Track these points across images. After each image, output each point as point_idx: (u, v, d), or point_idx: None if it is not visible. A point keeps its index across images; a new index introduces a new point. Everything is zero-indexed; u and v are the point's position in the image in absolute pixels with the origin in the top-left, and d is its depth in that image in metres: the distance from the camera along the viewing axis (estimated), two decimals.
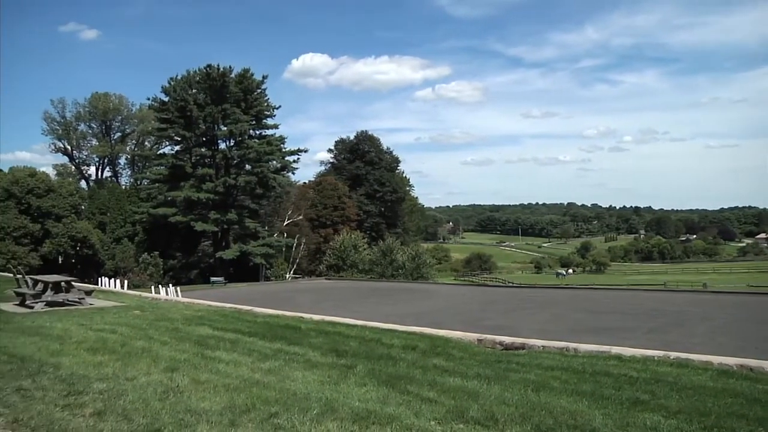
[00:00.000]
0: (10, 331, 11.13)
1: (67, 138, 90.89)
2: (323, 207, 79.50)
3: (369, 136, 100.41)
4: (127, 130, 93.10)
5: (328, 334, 10.98)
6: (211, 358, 8.55)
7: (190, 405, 6.06)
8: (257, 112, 65.86)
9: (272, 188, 66.46)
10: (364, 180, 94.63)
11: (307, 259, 74.11)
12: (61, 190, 54.99)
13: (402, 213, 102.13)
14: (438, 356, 8.91)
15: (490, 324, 16.93)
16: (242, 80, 64.13)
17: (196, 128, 64.12)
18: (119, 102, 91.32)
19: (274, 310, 15.59)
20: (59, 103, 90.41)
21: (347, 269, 62.62)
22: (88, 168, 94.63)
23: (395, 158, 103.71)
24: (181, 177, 64.70)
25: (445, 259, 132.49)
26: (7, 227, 49.23)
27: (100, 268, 57.93)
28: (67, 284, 16.72)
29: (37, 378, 7.29)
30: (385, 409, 5.84)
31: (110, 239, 65.31)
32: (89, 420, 5.59)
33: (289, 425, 5.38)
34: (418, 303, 26.12)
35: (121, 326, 11.93)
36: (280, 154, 67.47)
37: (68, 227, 53.28)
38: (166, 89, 65.29)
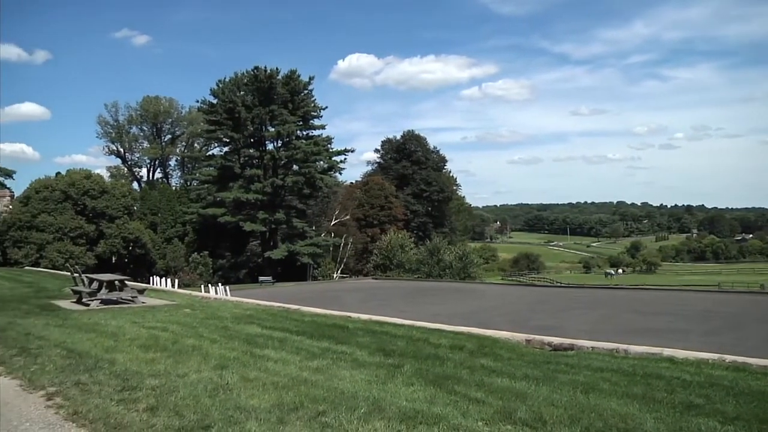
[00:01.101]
0: (68, 328, 11.43)
1: (119, 141, 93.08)
2: (370, 207, 79.64)
3: (415, 135, 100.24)
4: (177, 132, 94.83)
5: (375, 334, 10.99)
6: (260, 357, 8.63)
7: (240, 402, 6.13)
8: (304, 113, 66.31)
9: (319, 188, 66.83)
10: (411, 179, 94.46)
11: (354, 259, 74.36)
12: (114, 192, 56.23)
13: (449, 212, 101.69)
14: (485, 356, 8.85)
15: (538, 324, 16.75)
16: (289, 81, 64.61)
17: (244, 129, 64.85)
18: (169, 105, 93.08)
19: (321, 309, 15.68)
20: (112, 106, 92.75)
21: (394, 269, 62.61)
22: (140, 170, 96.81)
23: (442, 157, 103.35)
24: (230, 178, 65.55)
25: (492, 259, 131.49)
26: (65, 228, 50.54)
27: (151, 268, 59.08)
28: (120, 283, 17.09)
29: (93, 373, 7.47)
30: (433, 409, 5.82)
31: (161, 239, 66.57)
32: (142, 415, 5.71)
33: (336, 424, 5.39)
34: (466, 303, 25.98)
35: (173, 324, 12.14)
36: (327, 154, 67.81)
37: (121, 228, 54.48)
38: (214, 91, 66.24)
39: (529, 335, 10.72)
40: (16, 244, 49.30)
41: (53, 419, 5.76)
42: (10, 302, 16.32)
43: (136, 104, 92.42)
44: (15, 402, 6.44)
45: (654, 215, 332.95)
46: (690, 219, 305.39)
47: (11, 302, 16.33)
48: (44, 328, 11.46)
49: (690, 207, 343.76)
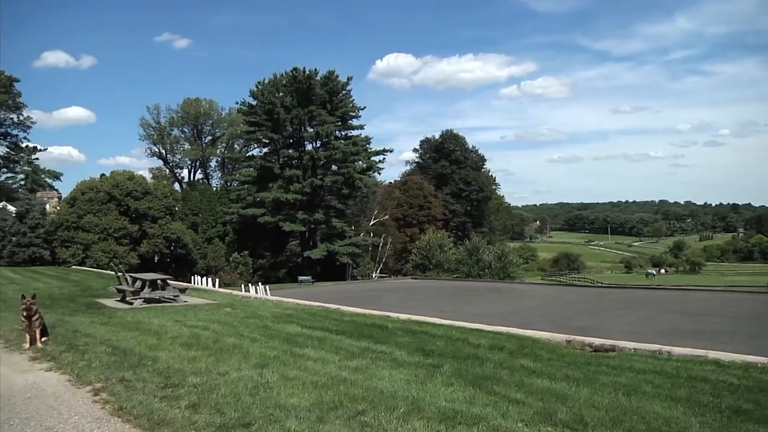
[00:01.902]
0: (113, 326, 11.67)
1: (161, 142, 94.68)
2: (409, 206, 79.65)
3: (454, 134, 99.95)
4: (217, 134, 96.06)
5: (414, 334, 10.99)
6: (300, 356, 8.70)
7: (280, 401, 6.19)
8: (343, 113, 66.53)
9: (358, 188, 67.00)
10: (450, 179, 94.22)
11: (393, 259, 74.44)
12: (156, 193, 57.11)
13: (488, 212, 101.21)
14: (525, 357, 8.79)
15: (579, 325, 16.58)
16: (327, 82, 64.90)
17: (284, 130, 65.36)
18: (210, 107, 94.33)
19: (360, 309, 15.73)
20: (154, 109, 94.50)
21: (433, 268, 62.50)
22: (181, 171, 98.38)
23: (481, 157, 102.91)
24: (270, 178, 66.12)
25: (532, 259, 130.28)
26: (109, 228, 51.53)
27: (192, 267, 59.90)
28: (163, 282, 17.35)
29: (137, 370, 7.63)
30: (472, 410, 5.80)
31: (202, 239, 67.46)
32: (185, 412, 5.81)
33: (375, 423, 5.41)
34: (505, 303, 25.82)
35: (214, 323, 12.29)
36: (365, 154, 67.95)
37: (163, 228, 55.35)
38: (254, 93, 66.87)
39: (569, 336, 10.61)
40: (63, 243, 50.47)
41: (100, 414, 5.91)
42: (59, 300, 16.73)
43: (177, 106, 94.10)
44: (65, 396, 6.63)
45: (698, 214, 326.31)
46: (736, 218, 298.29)
47: (60, 300, 16.73)
48: (90, 325, 11.71)
49: (736, 205, 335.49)
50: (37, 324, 9.49)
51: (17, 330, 10.42)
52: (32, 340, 9.45)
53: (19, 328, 10.12)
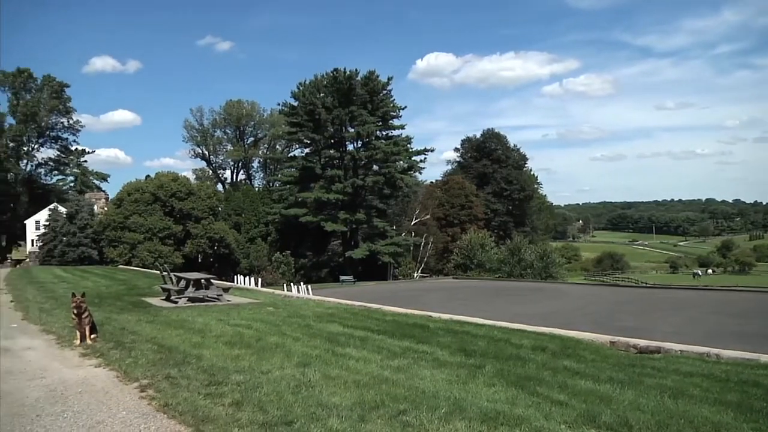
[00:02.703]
0: (158, 324, 11.88)
1: (204, 144, 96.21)
2: (450, 206, 79.40)
3: (495, 133, 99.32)
4: (259, 135, 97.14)
5: (456, 334, 10.95)
6: (342, 355, 8.74)
7: (322, 399, 6.23)
8: (383, 113, 66.67)
9: (399, 188, 67.06)
10: (491, 178, 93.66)
11: (434, 258, 74.27)
12: (200, 193, 57.98)
13: (530, 211, 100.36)
14: (568, 358, 8.69)
15: (623, 325, 16.33)
16: (368, 82, 65.09)
17: (325, 131, 65.72)
18: (251, 108, 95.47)
19: (402, 308, 15.73)
20: (197, 111, 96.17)
21: (474, 268, 62.19)
22: (224, 171, 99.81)
23: (522, 156, 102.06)
24: (311, 178, 66.62)
25: (574, 258, 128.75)
26: (154, 228, 52.52)
27: (235, 267, 60.64)
28: (206, 281, 17.58)
29: (182, 367, 7.75)
30: (514, 411, 5.76)
31: (245, 239, 68.22)
32: (228, 409, 5.89)
33: (417, 423, 5.41)
34: (547, 303, 25.57)
35: (256, 322, 12.42)
36: (406, 154, 67.98)
37: (207, 228, 56.16)
38: (295, 94, 67.43)
39: (613, 337, 10.45)
40: (110, 243, 51.61)
41: (147, 409, 6.04)
42: (107, 299, 17.11)
43: (220, 108, 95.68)
44: (113, 392, 6.79)
45: (747, 213, 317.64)
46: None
47: (107, 299, 17.11)
48: (137, 323, 11.95)
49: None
50: (86, 321, 9.74)
51: (68, 327, 10.69)
52: (82, 336, 9.70)
53: (70, 325, 10.39)
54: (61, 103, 70.14)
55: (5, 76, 67.24)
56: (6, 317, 13.64)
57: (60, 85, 69.88)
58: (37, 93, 68.85)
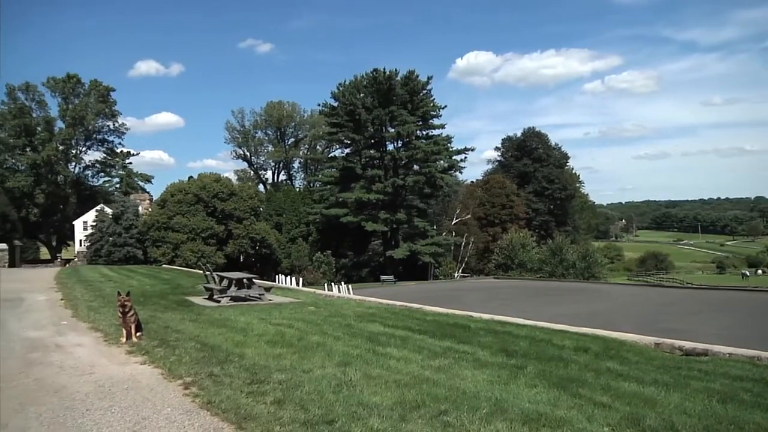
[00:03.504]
0: (201, 323, 12.04)
1: (246, 145, 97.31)
2: (491, 205, 79.02)
3: (536, 132, 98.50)
4: (299, 136, 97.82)
5: (497, 334, 10.89)
6: (382, 355, 8.75)
7: (362, 399, 6.25)
8: (423, 113, 66.59)
9: (440, 188, 66.95)
10: (533, 177, 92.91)
11: (475, 258, 74.00)
12: (241, 194, 58.59)
13: (572, 210, 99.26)
14: (611, 359, 8.57)
15: (668, 327, 16.06)
16: (408, 82, 65.07)
17: (365, 131, 65.91)
18: (292, 109, 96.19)
19: (443, 308, 15.69)
20: (239, 113, 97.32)
21: (516, 268, 61.81)
22: (265, 172, 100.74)
23: (564, 154, 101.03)
24: (352, 178, 66.86)
25: (617, 258, 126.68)
26: (197, 228, 53.28)
27: (277, 266, 61.16)
28: (248, 281, 17.75)
29: (225, 366, 7.85)
30: (556, 412, 5.70)
31: (286, 239, 68.77)
32: (270, 407, 5.94)
33: (458, 423, 5.39)
34: (590, 303, 25.27)
35: (298, 321, 12.50)
36: (447, 153, 67.81)
37: (248, 228, 56.74)
38: (335, 95, 67.77)
39: (658, 338, 10.26)
40: (155, 243, 52.53)
41: (190, 407, 6.13)
42: (151, 297, 17.41)
43: (261, 110, 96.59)
44: (158, 389, 6.91)
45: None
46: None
47: (152, 297, 17.41)
48: (180, 322, 12.13)
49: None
50: (132, 320, 9.93)
51: (115, 325, 10.92)
52: (128, 334, 9.90)
53: (117, 323, 10.61)
54: (107, 106, 71.72)
55: (56, 82, 69.03)
56: (57, 315, 13.99)
57: (106, 89, 71.45)
58: (84, 97, 70.55)
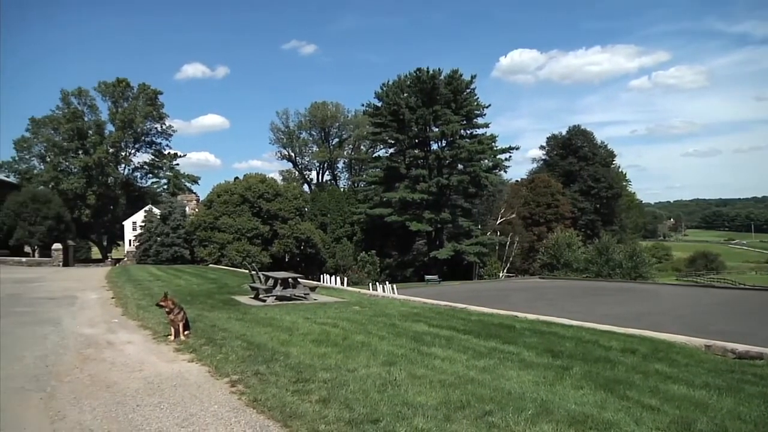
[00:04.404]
0: (247, 322, 12.19)
1: (290, 145, 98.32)
2: (536, 205, 78.31)
3: (582, 130, 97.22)
4: (344, 136, 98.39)
5: (542, 334, 10.78)
6: (427, 354, 8.74)
7: (407, 398, 6.25)
8: (467, 112, 66.27)
9: (484, 187, 66.57)
10: (578, 176, 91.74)
11: (520, 258, 73.42)
12: (286, 194, 59.09)
13: (618, 209, 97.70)
14: (660, 361, 8.40)
15: (719, 329, 15.69)
16: (451, 81, 64.85)
17: (409, 131, 65.88)
18: (336, 110, 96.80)
19: (488, 308, 15.58)
20: (283, 114, 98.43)
21: (561, 268, 61.18)
22: (310, 172, 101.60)
23: (610, 152, 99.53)
24: (396, 178, 66.92)
25: (665, 258, 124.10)
26: (243, 229, 53.92)
27: (322, 266, 61.55)
28: (294, 280, 17.89)
29: (270, 364, 7.93)
30: (603, 415, 5.63)
31: (331, 239, 69.15)
32: (315, 406, 5.99)
33: (503, 424, 5.36)
34: (637, 304, 24.84)
35: (342, 321, 12.55)
36: (491, 152, 67.39)
37: (293, 228, 57.20)
38: (379, 95, 67.91)
39: (708, 340, 9.99)
40: (201, 243, 53.36)
41: (237, 404, 6.23)
42: (198, 297, 17.70)
43: (305, 111, 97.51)
44: (205, 386, 7.03)
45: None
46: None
47: (199, 297, 17.69)
48: (227, 321, 12.30)
49: None
50: (179, 318, 10.12)
51: (163, 323, 11.13)
52: (176, 333, 10.09)
53: (165, 322, 10.82)
54: (155, 109, 73.18)
55: (106, 86, 70.79)
56: (108, 313, 14.34)
57: (154, 92, 72.94)
58: (133, 101, 72.13)
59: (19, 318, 13.29)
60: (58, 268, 41.37)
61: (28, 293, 19.62)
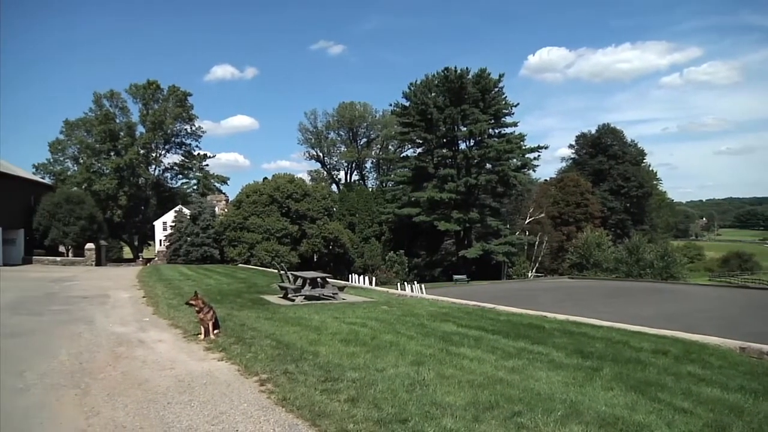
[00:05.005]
0: (277, 321, 12.26)
1: (318, 146, 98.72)
2: (565, 204, 77.68)
3: (611, 129, 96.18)
4: (372, 136, 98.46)
5: (572, 335, 10.69)
6: (456, 354, 8.72)
7: (435, 398, 6.25)
8: (495, 111, 65.95)
9: (513, 186, 66.24)
10: (608, 175, 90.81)
11: (549, 257, 72.91)
12: (315, 194, 59.26)
13: (649, 209, 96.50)
14: (692, 363, 8.27)
15: (755, 331, 15.41)
16: (479, 80, 64.58)
17: (437, 130, 65.75)
18: (364, 110, 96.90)
19: (516, 308, 15.50)
20: (311, 114, 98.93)
21: (591, 268, 60.66)
22: (338, 172, 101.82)
23: (640, 151, 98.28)
24: (424, 178, 66.85)
25: (697, 258, 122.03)
26: (271, 229, 54.19)
27: (350, 266, 61.63)
28: (322, 280, 17.96)
29: (299, 363, 7.98)
30: (634, 417, 5.56)
31: (359, 238, 69.22)
32: (344, 405, 6.02)
33: (532, 425, 5.33)
34: (668, 304, 24.53)
35: (371, 320, 12.57)
36: (519, 151, 66.98)
37: (322, 228, 57.35)
38: (406, 94, 67.87)
39: (743, 342, 9.79)
40: (231, 243, 53.73)
41: (266, 403, 6.29)
42: (228, 296, 17.85)
43: (333, 111, 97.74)
44: (235, 384, 7.10)
45: None
46: None
47: (228, 296, 17.85)
48: (256, 320, 12.38)
49: None
50: (209, 317, 10.23)
51: (193, 322, 11.25)
52: (206, 332, 10.20)
53: (195, 321, 10.94)
54: (185, 111, 73.84)
55: (137, 88, 71.62)
56: (140, 312, 14.54)
57: (183, 94, 73.62)
58: (163, 103, 72.85)
59: (55, 316, 13.57)
60: (90, 267, 42.04)
61: (63, 292, 20.00)
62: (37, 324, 12.35)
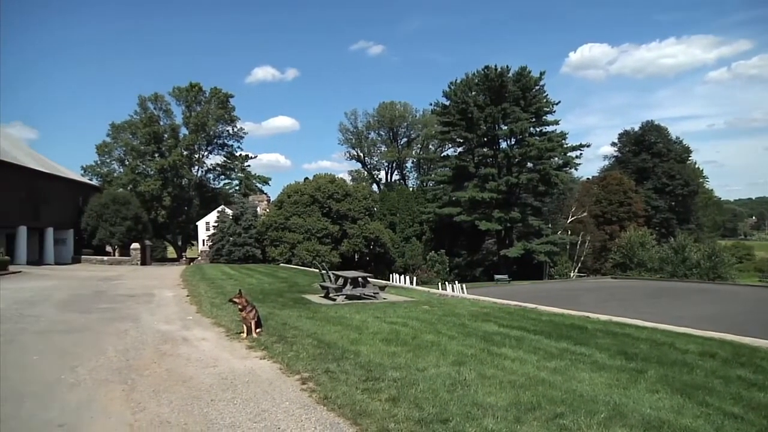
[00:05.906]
0: (318, 320, 12.34)
1: (359, 146, 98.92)
2: (608, 203, 76.52)
3: (655, 126, 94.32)
4: (412, 136, 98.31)
5: (615, 336, 10.54)
6: (497, 355, 8.67)
7: (477, 399, 6.22)
8: (536, 109, 65.28)
9: (555, 185, 65.48)
10: (652, 173, 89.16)
11: (591, 257, 71.90)
12: (356, 194, 59.39)
13: (695, 207, 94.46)
14: (742, 367, 8.06)
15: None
16: (520, 78, 64.01)
17: (477, 129, 65.36)
18: (404, 109, 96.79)
19: (558, 308, 15.36)
20: (352, 114, 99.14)
21: (634, 268, 59.72)
22: (379, 172, 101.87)
23: (685, 148, 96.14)
24: (465, 177, 66.54)
25: (747, 258, 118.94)
26: (313, 229, 54.51)
27: (391, 265, 61.66)
28: (363, 280, 18.02)
29: (340, 363, 8.03)
30: (681, 420, 5.45)
31: (400, 238, 69.18)
32: (385, 404, 6.03)
33: (574, 427, 5.27)
34: (716, 306, 24.01)
35: (412, 320, 12.58)
36: (561, 150, 66.18)
37: (362, 228, 57.47)
38: (446, 93, 67.61)
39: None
40: (272, 243, 54.20)
41: (307, 401, 6.34)
42: (270, 295, 18.03)
43: (373, 111, 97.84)
44: (277, 383, 7.18)
45: None
46: None
47: (270, 295, 18.03)
48: (297, 319, 12.48)
49: None
50: (251, 316, 10.36)
51: (236, 321, 11.42)
52: (248, 330, 10.33)
53: (237, 320, 11.09)
54: (227, 112, 74.68)
55: (180, 91, 72.79)
56: (183, 310, 14.79)
57: (225, 96, 74.48)
58: (205, 105, 73.82)
59: (103, 314, 13.89)
60: (136, 266, 42.90)
61: (110, 290, 20.45)
62: (87, 321, 12.70)
